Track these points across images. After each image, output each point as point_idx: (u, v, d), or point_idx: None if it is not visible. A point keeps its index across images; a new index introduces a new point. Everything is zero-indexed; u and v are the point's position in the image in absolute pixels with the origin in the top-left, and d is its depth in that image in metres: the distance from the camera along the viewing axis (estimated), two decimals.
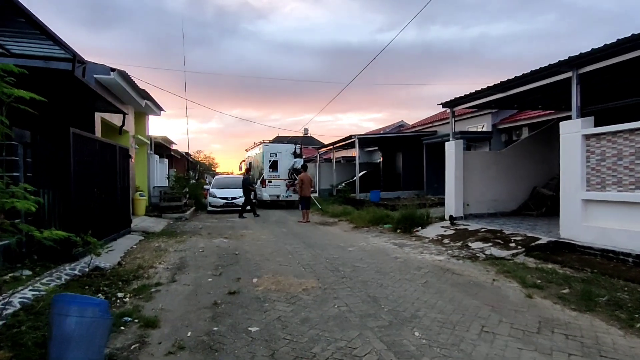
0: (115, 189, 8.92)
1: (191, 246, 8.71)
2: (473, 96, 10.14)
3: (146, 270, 6.56)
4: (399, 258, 7.28)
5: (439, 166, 18.98)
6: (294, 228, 11.87)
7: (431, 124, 20.23)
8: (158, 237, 9.94)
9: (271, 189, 18.75)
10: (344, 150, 31.96)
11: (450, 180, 11.05)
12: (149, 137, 17.68)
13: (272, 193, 18.65)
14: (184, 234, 10.51)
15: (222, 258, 7.47)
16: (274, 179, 19.07)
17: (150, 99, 14.94)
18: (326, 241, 9.28)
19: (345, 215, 14.07)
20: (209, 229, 11.78)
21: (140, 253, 7.89)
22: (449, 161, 11.11)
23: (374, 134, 22.35)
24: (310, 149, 51.30)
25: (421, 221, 10.59)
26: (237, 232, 10.87)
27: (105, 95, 9.04)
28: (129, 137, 13.92)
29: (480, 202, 11.40)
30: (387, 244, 8.78)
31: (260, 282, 5.74)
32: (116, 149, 8.95)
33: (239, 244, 8.92)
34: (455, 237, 8.94)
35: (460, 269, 6.42)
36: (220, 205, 16.88)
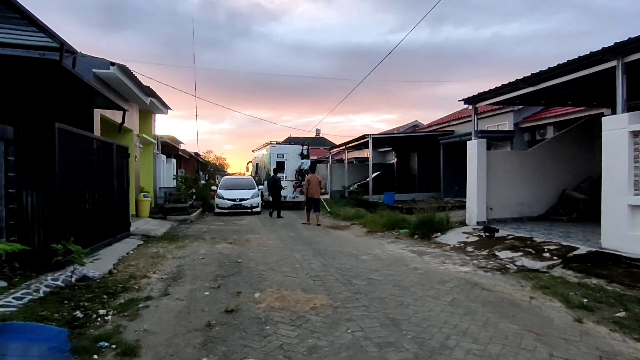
0: (111, 190, 8.33)
1: (191, 252, 8.07)
2: (498, 91, 9.31)
3: (138, 280, 5.93)
4: (419, 269, 6.52)
5: (457, 167, 18.13)
6: (303, 232, 11.17)
7: (448, 123, 19.35)
8: (158, 241, 9.33)
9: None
10: (357, 151, 31.21)
11: (472, 182, 10.23)
12: (156, 136, 17.19)
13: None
14: (186, 239, 9.88)
15: (223, 267, 6.80)
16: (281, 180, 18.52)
17: (156, 97, 14.41)
18: (337, 248, 8.56)
19: (358, 219, 13.33)
20: (213, 232, 11.15)
21: (135, 260, 7.27)
22: (471, 161, 10.29)
23: (388, 134, 21.55)
24: (322, 150, 50.75)
25: (441, 226, 9.80)
26: (243, 237, 10.21)
27: (102, 89, 8.48)
28: (132, 135, 13.40)
29: (504, 206, 10.56)
30: (405, 252, 8.02)
31: (262, 298, 5.04)
32: (113, 147, 8.36)
33: (242, 251, 8.25)
34: (480, 245, 8.14)
35: (490, 284, 5.64)
36: (227, 207, 16.28)
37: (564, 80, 7.81)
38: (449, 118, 19.80)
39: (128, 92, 11.70)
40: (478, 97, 9.95)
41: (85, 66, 9.46)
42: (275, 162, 18.76)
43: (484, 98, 9.98)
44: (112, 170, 8.32)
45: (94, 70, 9.59)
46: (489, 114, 16.31)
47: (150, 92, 13.52)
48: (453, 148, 17.77)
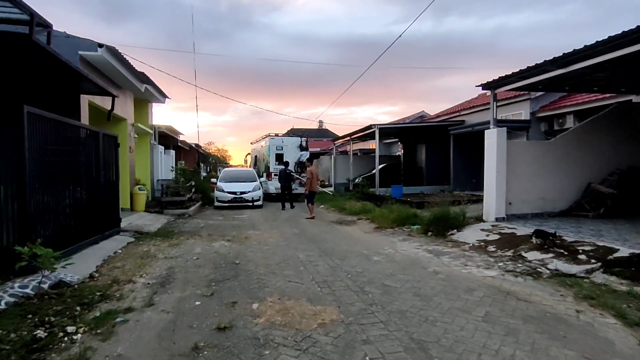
0: (97, 183, 7.59)
1: (185, 251, 7.35)
2: (521, 75, 8.48)
3: (121, 286, 5.21)
4: (439, 273, 5.77)
5: (469, 159, 17.35)
6: (307, 228, 10.43)
7: (458, 112, 18.48)
8: (151, 238, 8.61)
9: (276, 182, 18.06)
10: (361, 142, 30.39)
11: (491, 175, 9.44)
12: (153, 126, 16.43)
13: (277, 186, 17.90)
14: (182, 235, 9.16)
15: (219, 269, 6.07)
16: None
17: (151, 84, 13.62)
18: (345, 246, 7.82)
19: (365, 213, 12.57)
20: (211, 228, 10.42)
21: (122, 261, 6.55)
22: (490, 152, 9.49)
23: (395, 124, 20.69)
24: (325, 141, 49.96)
25: (456, 222, 9.03)
26: (242, 233, 9.48)
27: (88, 72, 7.70)
28: (126, 125, 12.64)
29: (525, 201, 9.77)
30: (420, 252, 7.27)
31: (262, 310, 4.31)
32: (99, 136, 7.61)
33: (241, 250, 7.52)
34: (503, 244, 7.37)
35: (524, 292, 4.89)
36: (228, 201, 15.55)
37: (598, 62, 6.97)
38: (459, 107, 18.93)
39: (120, 77, 10.92)
40: (498, 81, 9.11)
41: (70, 48, 8.71)
42: (274, 154, 18.66)
43: (504, 83, 9.14)
44: (98, 161, 7.58)
45: (80, 52, 8.82)
46: (503, 102, 15.44)
47: (145, 78, 12.73)
48: (464, 139, 16.95)
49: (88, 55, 8.94)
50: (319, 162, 31.63)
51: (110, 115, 8.94)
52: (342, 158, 25.12)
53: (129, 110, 12.91)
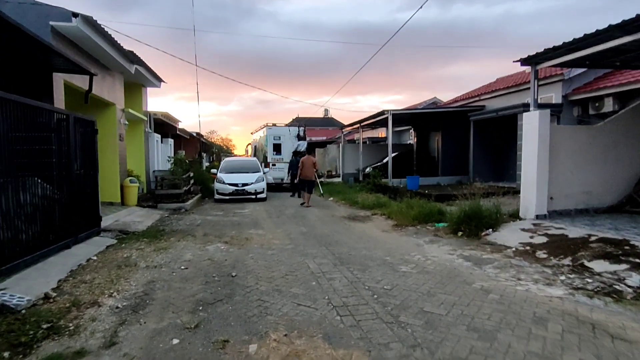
0: (69, 176, 6.37)
1: (173, 258, 6.15)
2: (572, 45, 7.09)
3: (82, 311, 4.02)
4: (489, 291, 4.52)
5: (490, 147, 15.93)
6: (316, 226, 9.20)
7: (478, 97, 17.04)
8: (136, 240, 7.42)
9: (275, 172, 18.22)
10: (370, 131, 29.04)
11: (531, 165, 8.13)
12: (147, 113, 15.19)
13: (275, 176, 18.10)
14: (173, 235, 7.97)
15: (211, 284, 4.87)
16: (277, 162, 18.73)
17: (142, 64, 12.35)
18: (364, 250, 6.58)
19: (380, 208, 11.32)
20: (208, 226, 9.22)
21: (93, 272, 5.36)
22: (529, 139, 8.17)
23: (410, 110, 19.23)
24: (330, 130, 48.60)
25: (491, 220, 7.76)
26: (243, 233, 8.27)
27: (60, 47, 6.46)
28: (114, 110, 11.42)
29: (567, 195, 8.47)
30: (455, 258, 6.02)
31: (262, 356, 3.09)
32: (69, 120, 6.36)
33: (240, 256, 6.31)
34: (555, 249, 6.09)
35: (614, 324, 3.63)
36: (228, 193, 14.33)
37: None
38: (479, 92, 17.47)
39: (104, 55, 9.65)
40: (542, 55, 7.74)
41: (40, 18, 7.46)
42: (271, 144, 18.79)
43: (548, 57, 7.76)
44: (68, 150, 6.35)
45: (51, 22, 7.54)
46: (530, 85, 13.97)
47: (135, 58, 11.45)
48: (486, 125, 15.57)
49: (61, 26, 7.66)
50: (326, 151, 30.33)
51: (87, 96, 7.69)
52: (350, 147, 23.80)
53: (118, 94, 11.66)
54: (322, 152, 30.93)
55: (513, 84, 14.91)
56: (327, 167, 28.66)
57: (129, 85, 14.09)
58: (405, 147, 24.06)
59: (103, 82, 10.39)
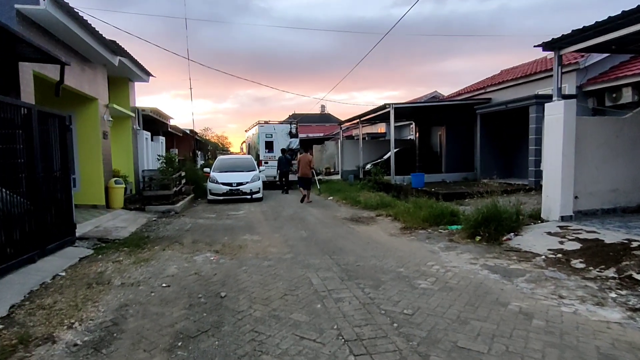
0: (33, 179, 5.54)
1: (155, 273, 5.34)
2: (602, 26, 6.30)
3: (30, 350, 3.23)
4: (531, 315, 3.74)
5: (498, 142, 15.07)
6: (317, 229, 8.41)
7: (483, 89, 16.25)
8: (115, 250, 6.60)
9: (267, 169, 17.95)
10: (369, 126, 28.26)
11: (555, 161, 7.35)
12: (135, 109, 14.30)
13: (268, 174, 17.80)
14: (158, 243, 7.16)
15: (195, 309, 4.06)
16: (270, 160, 18.63)
17: (127, 56, 11.47)
18: (373, 259, 5.79)
19: (385, 208, 10.54)
20: (198, 231, 8.41)
21: (57, 293, 4.54)
22: (553, 131, 7.39)
23: (413, 103, 18.44)
24: (327, 126, 47.80)
25: (511, 223, 6.98)
26: (236, 239, 7.47)
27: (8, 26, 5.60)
28: (97, 106, 10.55)
29: (593, 194, 7.71)
30: (478, 269, 5.24)
31: None
32: (32, 113, 5.51)
33: (232, 269, 5.50)
34: (592, 257, 5.32)
35: None
36: (222, 194, 13.51)
37: None
38: (485, 84, 16.68)
39: (80, 44, 8.78)
40: (567, 38, 6.94)
41: (3, 0, 6.59)
42: (263, 142, 18.73)
43: (574, 40, 6.97)
44: (32, 149, 5.51)
45: (17, 5, 6.68)
46: (543, 75, 13.22)
47: (118, 49, 10.57)
48: (494, 119, 14.79)
49: (28, 9, 6.80)
50: (324, 147, 29.54)
51: (58, 88, 6.82)
52: (349, 143, 23.03)
53: (101, 89, 10.79)
54: (319, 149, 30.13)
55: (522, 75, 14.12)
56: (325, 164, 27.87)
57: (114, 80, 13.23)
58: (407, 142, 23.27)
59: (82, 74, 9.53)
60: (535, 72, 13.58)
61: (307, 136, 37.37)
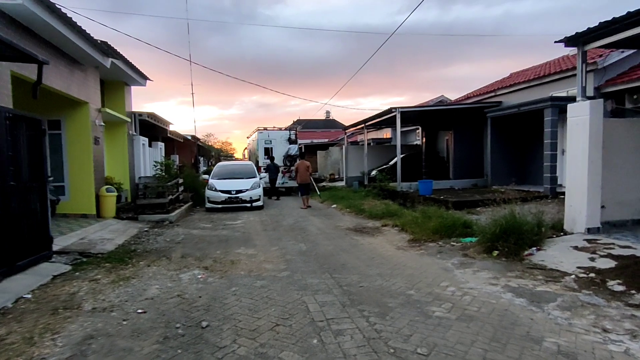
0: (1, 188, 4.97)
1: (133, 295, 4.72)
2: (631, 19, 5.66)
3: None
4: (575, 358, 3.07)
5: (511, 147, 14.28)
6: (317, 241, 7.78)
7: (494, 92, 15.59)
8: (96, 266, 6.00)
9: (263, 174, 17.53)
10: (374, 131, 27.67)
11: (580, 167, 6.68)
12: (132, 113, 13.80)
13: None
14: (144, 257, 6.55)
15: (169, 344, 3.43)
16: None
17: (120, 58, 10.97)
18: (379, 279, 5.14)
19: (391, 218, 9.88)
20: (190, 243, 7.80)
21: (13, 322, 3.93)
22: (578, 134, 6.72)
23: (421, 107, 17.74)
24: (332, 132, 47.24)
25: (533, 236, 6.30)
26: (230, 253, 6.85)
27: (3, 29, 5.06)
28: (88, 110, 10.03)
29: (621, 203, 7.03)
30: (500, 291, 4.57)
31: None
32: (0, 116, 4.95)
33: (220, 290, 4.87)
34: (634, 279, 4.63)
35: None
36: (220, 202, 12.91)
37: None
38: (495, 86, 16.02)
39: (66, 44, 8.25)
40: (593, 32, 6.30)
41: None
42: (262, 148, 18.71)
43: (602, 34, 6.32)
44: None
45: None
46: (557, 76, 12.55)
47: (110, 50, 10.07)
48: (505, 122, 14.10)
49: (4, 4, 6.27)
50: (328, 153, 28.92)
51: (36, 90, 6.21)
52: (354, 149, 22.42)
53: (92, 92, 10.27)
54: (324, 155, 29.53)
55: (535, 77, 13.46)
56: (330, 170, 27.25)
57: (110, 84, 12.81)
58: (413, 148, 22.62)
59: (71, 77, 9.01)
60: (549, 74, 12.91)
61: (311, 142, 36.81)
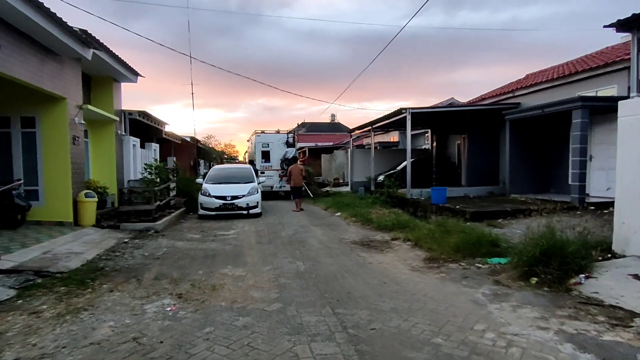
0: None
1: (75, 338, 3.65)
2: None
3: None
4: None
5: (532, 152, 13.04)
6: (318, 259, 6.69)
7: (511, 93, 14.45)
8: (48, 290, 4.94)
9: (262, 179, 16.98)
10: (381, 135, 26.61)
11: (635, 176, 5.55)
12: (121, 112, 12.80)
13: (265, 184, 16.92)
14: (110, 279, 5.48)
15: None
16: (266, 170, 18.42)
17: (104, 49, 9.98)
18: (394, 318, 4.04)
19: (401, 230, 8.78)
20: (171, 259, 6.73)
21: None
22: (631, 137, 5.60)
23: (434, 108, 16.57)
24: (337, 135, 46.26)
25: (580, 260, 5.16)
26: (214, 273, 5.77)
27: None
28: (65, 106, 9.03)
29: None
30: (555, 341, 3.45)
31: None
32: None
33: (189, 332, 3.78)
34: None
35: None
36: (214, 208, 11.85)
37: None
38: (512, 87, 14.88)
39: (35, 29, 7.26)
40: None
41: None
42: (260, 152, 18.49)
43: None
44: None
45: None
46: (584, 75, 11.42)
47: (92, 40, 9.07)
48: (526, 125, 12.95)
49: None
50: (333, 157, 27.86)
51: None
52: (360, 152, 21.33)
53: (71, 87, 9.26)
54: (328, 158, 28.47)
55: (559, 75, 12.33)
56: (334, 175, 26.16)
57: (97, 80, 11.88)
58: (421, 152, 21.49)
59: (42, 67, 8.02)
60: (576, 72, 11.78)
61: (315, 145, 35.81)
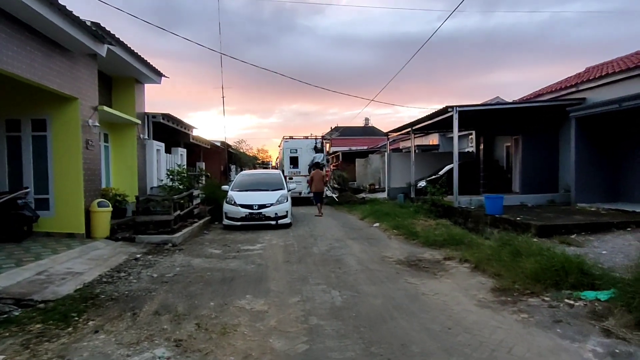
0: None
1: None
2: None
3: None
4: None
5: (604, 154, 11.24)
6: (358, 287, 5.45)
7: (575, 87, 12.64)
8: (19, 329, 3.96)
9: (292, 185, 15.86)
10: (420, 137, 25.00)
11: None
12: (144, 115, 12.09)
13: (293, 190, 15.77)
14: (102, 311, 4.46)
15: None
16: (294, 175, 18.18)
17: (119, 44, 9.20)
18: None
19: (454, 246, 7.41)
20: (181, 283, 5.67)
21: None
22: None
23: (484, 106, 14.86)
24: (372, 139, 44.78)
25: None
26: (227, 307, 4.64)
27: None
28: (77, 107, 8.27)
29: None
30: None
31: None
32: None
33: None
34: None
35: None
36: (240, 218, 10.83)
37: None
38: (574, 80, 13.04)
39: (39, 21, 6.48)
40: None
41: None
42: (288, 157, 18.52)
43: None
44: None
45: None
46: None
47: (105, 34, 8.28)
48: (596, 124, 11.15)
49: None
50: (367, 161, 26.56)
51: None
52: (397, 156, 19.95)
53: (84, 86, 8.50)
54: (363, 163, 27.17)
55: (636, 65, 10.49)
56: (370, 180, 24.82)
57: (118, 81, 11.22)
58: (465, 156, 19.74)
59: (48, 63, 7.25)
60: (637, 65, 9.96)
61: (349, 149, 34.58)
